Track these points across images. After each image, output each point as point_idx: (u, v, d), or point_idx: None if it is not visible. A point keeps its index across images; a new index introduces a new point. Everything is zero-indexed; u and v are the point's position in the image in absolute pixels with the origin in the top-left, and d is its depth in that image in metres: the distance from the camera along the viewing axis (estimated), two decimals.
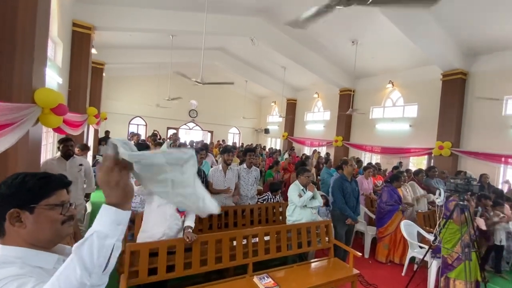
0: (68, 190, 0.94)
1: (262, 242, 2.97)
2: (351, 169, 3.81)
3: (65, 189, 0.91)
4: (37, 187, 0.84)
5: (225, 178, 3.81)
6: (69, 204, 0.91)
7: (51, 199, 0.86)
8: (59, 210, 0.86)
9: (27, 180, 0.84)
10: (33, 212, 0.82)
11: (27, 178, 0.84)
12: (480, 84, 7.01)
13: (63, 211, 0.87)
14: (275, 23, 8.22)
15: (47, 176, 0.89)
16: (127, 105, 14.09)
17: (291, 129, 14.52)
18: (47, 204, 0.84)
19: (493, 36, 6.18)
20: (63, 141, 3.42)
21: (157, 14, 6.88)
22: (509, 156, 6.20)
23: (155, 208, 2.51)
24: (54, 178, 0.90)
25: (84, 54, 6.09)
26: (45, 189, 0.86)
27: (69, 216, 0.90)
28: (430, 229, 4.29)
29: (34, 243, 0.83)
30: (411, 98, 8.88)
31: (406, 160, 8.74)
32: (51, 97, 2.61)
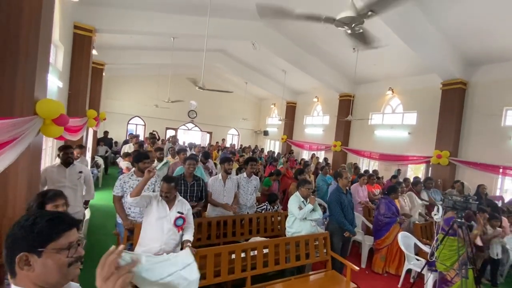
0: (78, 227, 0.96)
1: (260, 255, 2.98)
2: (346, 182, 3.82)
3: (74, 228, 0.93)
4: (46, 230, 0.86)
5: (224, 187, 3.82)
6: (78, 243, 0.93)
7: (59, 242, 0.87)
8: (66, 253, 0.88)
9: (37, 222, 0.87)
10: (41, 256, 0.84)
11: (38, 220, 0.87)
12: (480, 94, 7.06)
13: (69, 253, 0.89)
14: (276, 28, 8.23)
15: (56, 217, 0.91)
16: (127, 104, 14.05)
17: (290, 132, 14.54)
18: (54, 248, 0.86)
19: (494, 47, 6.22)
20: (63, 149, 3.42)
21: (158, 17, 6.87)
22: (507, 167, 6.25)
23: (153, 222, 2.53)
24: (63, 219, 0.92)
25: (85, 56, 6.07)
26: (54, 232, 0.87)
27: (77, 257, 0.92)
28: (427, 241, 4.33)
29: (43, 286, 0.86)
30: (411, 106, 8.92)
31: (404, 167, 8.78)
32: (53, 108, 2.60)
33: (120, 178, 3.22)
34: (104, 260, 0.79)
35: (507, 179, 6.55)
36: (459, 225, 2.86)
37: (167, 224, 2.54)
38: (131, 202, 2.49)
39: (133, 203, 2.52)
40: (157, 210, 2.56)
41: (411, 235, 4.27)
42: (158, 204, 2.58)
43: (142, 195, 2.49)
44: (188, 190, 3.61)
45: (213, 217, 3.70)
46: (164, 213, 2.57)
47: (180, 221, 2.59)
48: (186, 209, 2.71)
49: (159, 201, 2.60)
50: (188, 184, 3.63)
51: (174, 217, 2.57)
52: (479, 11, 5.27)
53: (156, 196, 2.63)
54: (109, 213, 5.54)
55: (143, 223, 2.60)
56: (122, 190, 3.15)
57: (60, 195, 2.11)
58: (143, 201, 2.51)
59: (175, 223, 2.56)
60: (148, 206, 2.59)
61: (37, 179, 3.00)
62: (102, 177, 8.42)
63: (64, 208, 2.10)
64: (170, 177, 2.80)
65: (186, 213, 2.67)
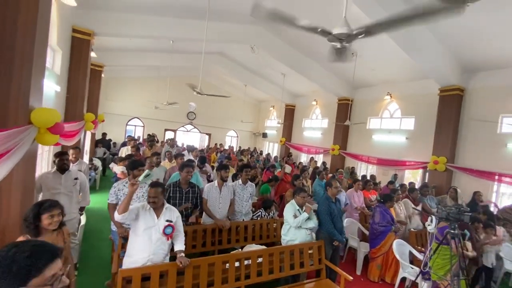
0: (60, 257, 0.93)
1: (254, 264, 2.99)
2: (335, 191, 3.83)
3: (57, 259, 0.90)
4: (26, 268, 0.83)
5: (220, 195, 3.82)
6: (61, 274, 0.90)
7: (41, 277, 0.84)
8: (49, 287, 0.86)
9: (16, 259, 0.83)
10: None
11: (16, 257, 0.83)
12: (477, 101, 7.09)
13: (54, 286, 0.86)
14: (275, 32, 8.25)
15: (36, 251, 0.87)
16: (125, 106, 14.06)
17: (288, 135, 14.56)
18: (36, 284, 0.83)
19: (491, 54, 6.26)
20: (59, 155, 3.42)
21: (157, 21, 6.88)
22: (502, 174, 6.27)
23: (140, 231, 2.47)
24: (44, 252, 0.88)
25: (83, 59, 6.08)
26: (34, 268, 0.84)
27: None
28: (422, 249, 4.34)
29: None
30: (409, 111, 8.95)
31: (401, 172, 8.80)
32: (48, 117, 2.60)
33: (115, 186, 3.22)
34: None
35: (502, 186, 6.57)
36: (452, 236, 2.88)
37: (156, 233, 2.48)
38: (120, 219, 2.39)
39: (122, 219, 2.41)
40: (144, 220, 2.49)
41: (406, 243, 4.28)
42: (146, 213, 2.52)
43: (130, 209, 2.41)
44: (183, 197, 3.61)
45: (208, 224, 3.71)
46: (152, 222, 2.51)
47: (169, 229, 2.54)
48: (175, 217, 2.65)
49: (146, 210, 2.53)
50: (183, 191, 3.63)
51: (162, 225, 2.51)
52: (476, 19, 5.29)
53: (143, 205, 2.56)
54: (106, 216, 5.53)
55: (130, 233, 2.54)
56: (116, 198, 3.15)
57: (56, 205, 2.12)
58: (132, 214, 2.44)
59: (164, 232, 2.51)
60: (136, 217, 2.51)
61: (32, 186, 3.00)
62: (100, 179, 8.41)
63: (60, 218, 2.12)
64: (157, 182, 2.75)
65: (175, 221, 2.61)
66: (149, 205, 2.55)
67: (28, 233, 2.00)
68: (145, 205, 2.56)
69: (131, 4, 6.29)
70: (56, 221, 2.06)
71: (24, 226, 2.02)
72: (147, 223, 2.49)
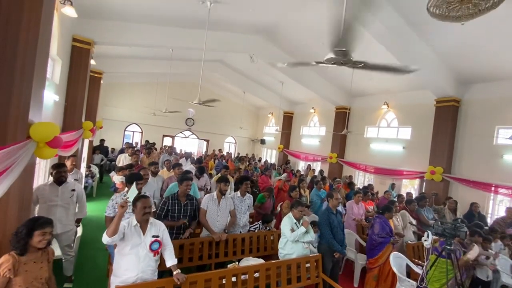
0: None
1: (252, 279, 2.98)
2: (336, 203, 3.85)
3: None
4: None
5: (219, 207, 3.82)
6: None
7: None
8: None
9: None
10: None
11: None
12: (473, 112, 7.19)
13: None
14: (274, 42, 8.35)
15: None
16: (124, 112, 14.07)
17: (287, 142, 14.61)
18: None
19: (487, 66, 6.36)
20: (56, 167, 3.41)
21: (157, 30, 6.95)
22: (499, 185, 6.33)
23: (127, 251, 2.42)
24: None
25: (83, 68, 6.10)
26: None
27: None
28: (419, 262, 4.34)
29: None
30: (406, 121, 9.03)
31: (398, 181, 8.84)
32: (47, 131, 2.61)
33: (113, 199, 3.21)
34: None
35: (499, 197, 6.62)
36: (448, 252, 2.89)
37: (143, 250, 2.44)
38: (110, 241, 2.32)
39: (112, 241, 2.33)
40: (131, 238, 2.43)
41: (403, 256, 4.28)
42: (131, 231, 2.45)
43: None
44: (182, 209, 3.60)
45: (205, 238, 3.70)
46: (138, 239, 2.45)
47: (155, 245, 2.50)
48: (161, 230, 2.61)
49: (132, 227, 2.46)
50: (182, 204, 3.63)
51: (149, 242, 2.47)
52: (472, 32, 5.40)
53: (128, 223, 2.47)
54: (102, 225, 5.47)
55: (117, 253, 2.47)
56: (114, 211, 3.13)
57: (49, 223, 2.12)
58: (120, 234, 2.37)
59: (150, 248, 2.47)
60: (123, 235, 2.44)
61: (29, 199, 2.98)
62: (97, 186, 8.37)
63: (50, 237, 2.11)
64: (143, 195, 2.69)
65: (161, 235, 2.57)
66: (145, 216, 2.50)
67: (15, 249, 1.98)
68: (130, 222, 2.48)
69: (131, 13, 6.35)
70: (46, 239, 2.06)
71: (14, 240, 2.00)
72: (133, 241, 2.43)
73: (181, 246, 3.46)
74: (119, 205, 2.32)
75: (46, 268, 2.11)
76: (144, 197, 2.58)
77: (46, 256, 2.13)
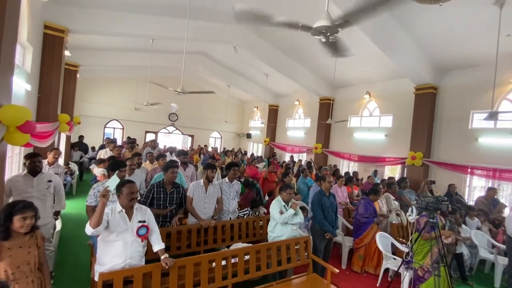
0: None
1: (241, 262, 2.95)
2: (328, 185, 3.91)
3: None
4: None
5: (206, 194, 3.75)
6: None
7: None
8: None
9: None
10: None
11: None
12: (449, 98, 7.50)
13: None
14: (257, 32, 8.28)
15: None
16: (103, 107, 13.53)
17: (272, 135, 14.65)
18: None
19: (462, 53, 6.63)
20: (30, 157, 3.19)
21: (136, 18, 6.68)
22: (474, 167, 6.66)
23: (113, 238, 2.33)
24: None
25: (56, 58, 5.77)
26: None
27: None
28: (403, 241, 4.49)
29: None
30: (387, 109, 9.29)
31: (381, 168, 9.10)
32: (17, 114, 2.44)
33: (94, 187, 3.07)
34: None
35: (474, 178, 6.97)
36: (432, 225, 3.00)
37: (130, 236, 2.36)
38: (94, 232, 2.21)
39: (96, 232, 2.22)
40: (116, 224, 2.34)
41: (388, 235, 4.41)
42: (116, 218, 2.35)
43: None
44: (168, 197, 3.51)
45: (193, 224, 3.62)
46: (124, 225, 2.36)
47: (142, 230, 2.42)
48: (147, 215, 2.53)
49: (116, 213, 2.37)
50: (168, 192, 3.53)
51: (135, 227, 2.40)
52: (448, 21, 5.61)
53: (111, 209, 2.36)
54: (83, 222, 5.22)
55: (101, 241, 2.36)
56: (96, 200, 3.00)
57: (30, 206, 1.99)
58: (105, 223, 2.26)
59: (137, 234, 2.39)
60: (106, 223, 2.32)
61: (0, 189, 2.79)
62: (77, 184, 8.01)
63: (33, 221, 1.99)
64: (128, 179, 2.60)
65: (147, 220, 2.50)
66: (131, 202, 2.41)
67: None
68: (113, 209, 2.38)
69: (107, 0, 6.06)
70: (28, 224, 1.93)
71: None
72: (119, 227, 2.34)
73: (168, 234, 3.37)
74: (100, 194, 2.20)
75: (35, 253, 1.99)
76: (130, 182, 2.47)
77: (35, 241, 2.01)
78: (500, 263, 4.54)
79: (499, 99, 6.61)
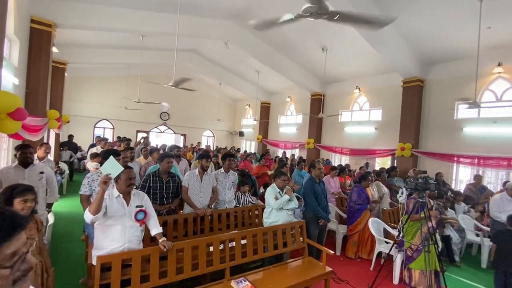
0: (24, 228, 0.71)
1: (239, 246, 2.99)
2: (319, 172, 3.98)
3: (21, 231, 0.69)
4: None
5: (201, 183, 3.76)
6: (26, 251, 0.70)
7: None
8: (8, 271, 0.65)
9: None
10: None
11: None
12: (436, 90, 7.74)
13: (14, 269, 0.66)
14: (249, 27, 8.30)
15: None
16: (92, 107, 13.29)
17: (265, 132, 14.72)
18: None
19: (445, 47, 6.86)
20: (21, 148, 3.14)
21: (126, 13, 6.62)
22: (460, 155, 6.90)
23: (111, 223, 2.34)
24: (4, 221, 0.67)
25: (44, 53, 5.66)
26: None
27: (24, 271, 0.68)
28: (394, 225, 4.63)
29: None
30: (376, 103, 9.50)
31: (372, 160, 9.30)
32: (8, 100, 2.41)
33: (88, 176, 3.05)
34: None
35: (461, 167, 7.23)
36: (421, 205, 3.12)
37: (129, 221, 2.38)
38: (93, 219, 2.20)
39: (95, 219, 2.21)
40: (114, 209, 2.34)
41: (380, 221, 4.54)
42: (114, 203, 2.36)
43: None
44: (164, 186, 3.51)
45: (189, 213, 3.63)
46: (122, 210, 2.37)
47: (141, 215, 2.44)
48: (144, 200, 2.55)
49: (113, 198, 2.37)
50: (164, 181, 3.53)
51: (133, 212, 2.41)
52: (431, 15, 5.80)
53: (108, 196, 2.36)
54: (74, 220, 5.19)
55: (98, 226, 2.36)
56: (90, 189, 2.99)
57: (30, 190, 1.99)
58: (103, 209, 2.27)
59: (136, 218, 2.41)
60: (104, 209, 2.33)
61: None
62: (67, 183, 7.86)
63: (33, 204, 1.99)
64: (126, 165, 2.60)
65: (144, 205, 2.52)
66: (129, 187, 2.42)
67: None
68: (111, 194, 2.38)
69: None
70: (29, 207, 1.93)
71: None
72: (117, 212, 2.35)
73: (165, 223, 3.36)
74: (101, 181, 2.17)
75: (36, 237, 1.97)
76: (128, 167, 2.47)
77: (35, 225, 2.00)
78: (486, 244, 4.73)
79: (482, 90, 6.88)
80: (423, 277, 3.45)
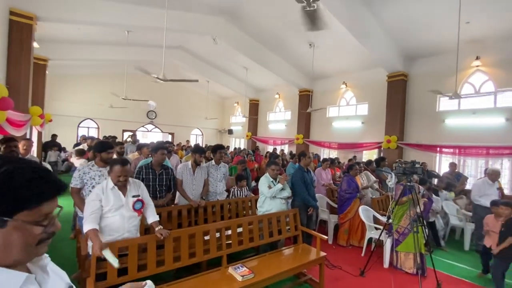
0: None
1: (235, 234, 3.01)
2: (309, 161, 4.07)
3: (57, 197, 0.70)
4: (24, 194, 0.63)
5: (194, 176, 3.76)
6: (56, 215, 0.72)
7: (35, 213, 0.65)
8: (41, 229, 0.67)
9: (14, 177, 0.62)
10: (5, 226, 0.62)
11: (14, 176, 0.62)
12: (418, 84, 8.04)
13: (46, 228, 0.68)
14: (237, 23, 8.32)
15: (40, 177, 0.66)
16: (76, 106, 12.87)
17: (254, 129, 14.76)
18: (27, 219, 0.64)
19: (427, 41, 7.13)
20: (6, 141, 3.03)
21: (111, 6, 6.46)
22: (442, 146, 7.22)
23: (110, 214, 2.32)
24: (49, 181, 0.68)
25: (25, 47, 5.45)
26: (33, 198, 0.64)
27: (50, 233, 0.70)
28: (383, 212, 4.79)
29: None
30: (362, 98, 9.75)
31: (359, 154, 9.54)
32: None
33: (79, 169, 2.96)
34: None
35: (444, 157, 7.56)
36: (409, 188, 3.25)
37: (127, 211, 2.37)
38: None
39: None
40: (111, 201, 2.32)
41: (370, 208, 4.68)
42: (110, 195, 2.33)
43: (93, 200, 2.27)
44: (157, 178, 3.47)
45: (183, 205, 3.62)
46: (120, 201, 2.36)
47: (138, 204, 2.43)
48: (141, 189, 2.54)
49: (109, 190, 2.35)
50: (157, 173, 3.49)
51: (131, 202, 2.40)
52: (412, 10, 6.01)
53: (102, 189, 2.34)
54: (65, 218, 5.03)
55: None
56: (81, 182, 2.90)
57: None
58: (99, 212, 2.27)
59: (134, 208, 2.40)
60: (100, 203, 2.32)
61: None
62: None
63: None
64: (124, 159, 2.54)
65: (141, 194, 2.51)
66: (119, 183, 2.37)
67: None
68: (105, 186, 2.35)
69: None
70: None
71: None
72: (115, 203, 2.33)
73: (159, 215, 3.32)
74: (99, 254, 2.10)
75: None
76: (120, 163, 2.40)
77: None
78: (468, 228, 4.98)
79: (462, 83, 7.20)
80: (407, 259, 3.64)
